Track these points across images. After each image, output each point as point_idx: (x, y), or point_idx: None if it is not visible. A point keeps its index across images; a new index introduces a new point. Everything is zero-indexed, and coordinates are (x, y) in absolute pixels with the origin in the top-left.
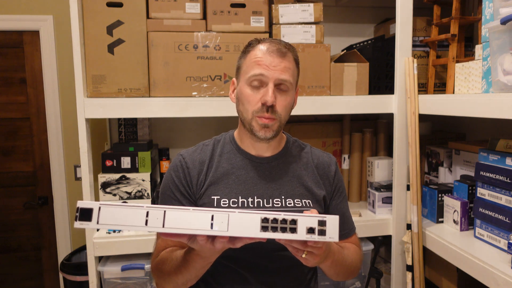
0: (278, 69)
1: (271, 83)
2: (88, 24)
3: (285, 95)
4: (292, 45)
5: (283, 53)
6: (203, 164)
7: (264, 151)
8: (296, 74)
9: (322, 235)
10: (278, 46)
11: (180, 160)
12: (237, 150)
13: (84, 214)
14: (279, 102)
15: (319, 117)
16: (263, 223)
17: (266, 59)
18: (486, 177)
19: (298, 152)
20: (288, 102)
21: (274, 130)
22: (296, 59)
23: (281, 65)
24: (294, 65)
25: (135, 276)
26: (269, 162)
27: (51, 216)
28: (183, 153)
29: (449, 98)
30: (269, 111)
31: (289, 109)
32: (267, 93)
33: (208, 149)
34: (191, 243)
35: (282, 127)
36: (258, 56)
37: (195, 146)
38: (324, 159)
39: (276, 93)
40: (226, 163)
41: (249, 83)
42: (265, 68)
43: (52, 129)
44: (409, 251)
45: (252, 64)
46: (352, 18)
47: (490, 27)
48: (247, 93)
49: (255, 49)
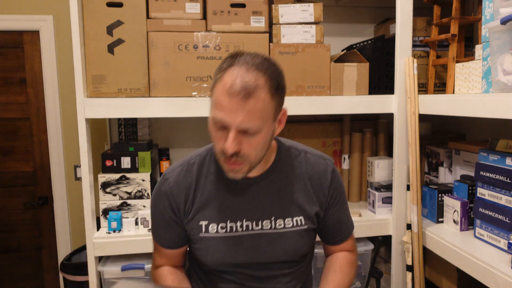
0: (241, 115)
1: (232, 131)
2: (88, 24)
3: (253, 137)
4: (270, 67)
5: (248, 94)
6: (190, 189)
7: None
8: (271, 106)
9: None
10: (244, 84)
11: (165, 189)
12: (222, 170)
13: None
14: (245, 146)
15: (319, 117)
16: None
17: (228, 103)
18: (486, 177)
19: (290, 162)
20: (259, 142)
21: (244, 171)
22: (273, 86)
23: (244, 110)
24: (264, 102)
25: (135, 276)
26: (257, 183)
27: (51, 216)
28: (169, 177)
29: (449, 98)
30: (233, 157)
31: (263, 146)
32: (227, 142)
33: (194, 170)
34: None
35: (257, 164)
36: (220, 96)
37: (180, 165)
38: (319, 167)
39: (242, 137)
40: (212, 185)
41: (214, 122)
42: (227, 113)
43: (52, 129)
44: (409, 251)
45: (216, 104)
46: (352, 18)
47: (490, 27)
48: (212, 133)
49: (223, 79)
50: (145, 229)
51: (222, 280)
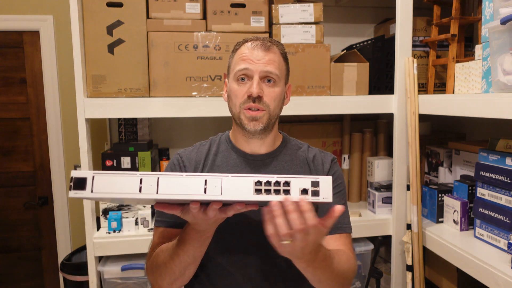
0: (263, 62)
1: (256, 76)
2: (88, 24)
3: (272, 87)
4: (280, 42)
5: (267, 47)
6: (199, 163)
7: (258, 148)
8: (284, 68)
9: (316, 196)
10: (262, 41)
11: (177, 159)
12: (232, 148)
13: (78, 183)
14: (266, 94)
15: (319, 117)
16: (256, 186)
17: (251, 54)
18: (486, 177)
19: (295, 151)
20: (277, 94)
21: (264, 122)
22: (283, 54)
23: (265, 58)
24: (280, 59)
25: (135, 276)
26: (263, 160)
27: (51, 216)
28: (181, 152)
29: (449, 98)
30: (256, 101)
31: (279, 102)
32: (252, 85)
33: (205, 149)
34: (184, 214)
35: (273, 120)
36: (243, 52)
37: (192, 146)
38: (320, 156)
39: (263, 85)
40: (221, 161)
41: (236, 78)
42: (250, 62)
43: (52, 129)
44: (409, 251)
45: (238, 61)
46: (352, 18)
47: (490, 27)
48: (235, 88)
49: (241, 47)
50: (145, 229)
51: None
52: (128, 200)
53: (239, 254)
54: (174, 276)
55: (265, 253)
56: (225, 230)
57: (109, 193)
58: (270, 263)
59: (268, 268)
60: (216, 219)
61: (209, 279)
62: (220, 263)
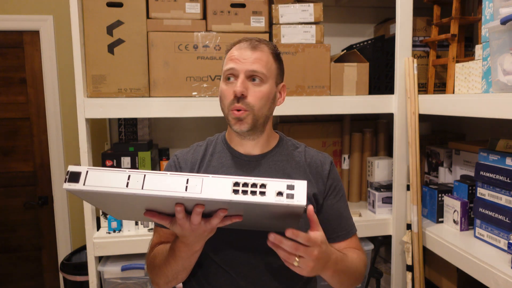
0: (249, 61)
1: (241, 75)
2: (88, 24)
3: (258, 87)
4: (271, 42)
5: (253, 46)
6: (195, 164)
7: (252, 149)
8: (275, 67)
9: (290, 199)
10: (250, 41)
11: (174, 160)
12: (227, 149)
13: (73, 177)
14: (251, 93)
15: (319, 117)
16: (234, 187)
17: (239, 54)
18: (486, 177)
19: (291, 151)
20: (264, 94)
21: (249, 123)
22: (274, 54)
23: (252, 57)
24: (268, 58)
25: (135, 276)
26: (258, 160)
27: (51, 216)
28: (177, 154)
29: (449, 98)
30: (240, 101)
31: (266, 102)
32: (236, 85)
33: (201, 150)
34: (172, 225)
35: (260, 120)
36: (232, 53)
37: (189, 147)
38: (318, 158)
39: (249, 84)
40: (216, 161)
41: (224, 78)
42: (236, 62)
43: (52, 129)
44: (409, 251)
45: (227, 61)
46: (352, 18)
47: (490, 27)
48: (223, 89)
49: (232, 48)
50: (145, 229)
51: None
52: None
53: (233, 253)
54: (168, 279)
55: (258, 252)
56: (219, 229)
57: (99, 186)
58: (264, 261)
59: (262, 266)
60: (202, 231)
61: (205, 277)
62: (215, 261)
